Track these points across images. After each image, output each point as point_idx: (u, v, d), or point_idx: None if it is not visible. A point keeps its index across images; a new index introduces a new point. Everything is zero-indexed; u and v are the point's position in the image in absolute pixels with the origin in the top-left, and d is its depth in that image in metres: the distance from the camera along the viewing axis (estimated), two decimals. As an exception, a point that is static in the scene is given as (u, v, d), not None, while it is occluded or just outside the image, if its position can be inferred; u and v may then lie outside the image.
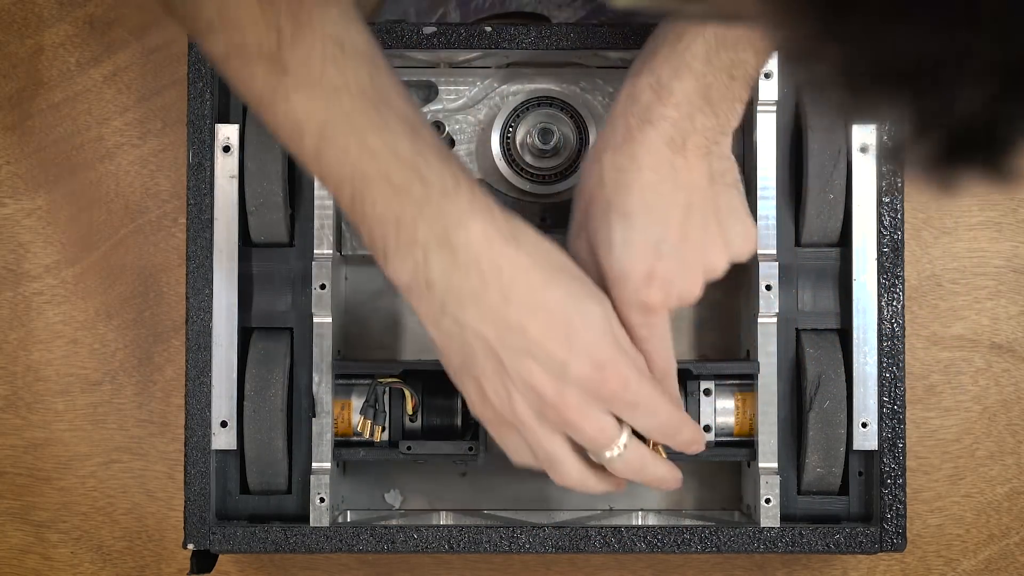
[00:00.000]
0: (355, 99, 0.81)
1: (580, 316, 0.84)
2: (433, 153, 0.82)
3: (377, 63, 0.82)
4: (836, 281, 1.03)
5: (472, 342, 0.84)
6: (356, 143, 0.81)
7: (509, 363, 0.84)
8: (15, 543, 1.12)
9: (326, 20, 0.80)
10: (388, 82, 0.82)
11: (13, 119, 1.12)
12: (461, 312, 0.83)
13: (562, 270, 0.86)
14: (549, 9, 1.10)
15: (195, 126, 1.01)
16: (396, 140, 0.81)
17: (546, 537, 0.99)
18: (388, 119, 0.81)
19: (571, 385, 0.84)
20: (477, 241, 0.82)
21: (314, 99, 0.80)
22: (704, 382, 1.02)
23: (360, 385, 1.03)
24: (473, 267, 0.82)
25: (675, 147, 0.87)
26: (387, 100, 0.82)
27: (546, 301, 0.83)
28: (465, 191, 0.82)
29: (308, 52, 0.80)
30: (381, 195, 0.81)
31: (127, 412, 1.12)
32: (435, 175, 0.81)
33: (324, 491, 1.00)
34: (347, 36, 0.81)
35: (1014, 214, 1.12)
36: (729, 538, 0.99)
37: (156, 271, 1.12)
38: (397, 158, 0.81)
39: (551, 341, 0.83)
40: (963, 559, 1.11)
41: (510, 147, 1.02)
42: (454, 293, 0.83)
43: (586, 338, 0.84)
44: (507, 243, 0.83)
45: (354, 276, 1.09)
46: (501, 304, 0.83)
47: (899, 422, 1.00)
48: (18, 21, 1.12)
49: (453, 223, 0.82)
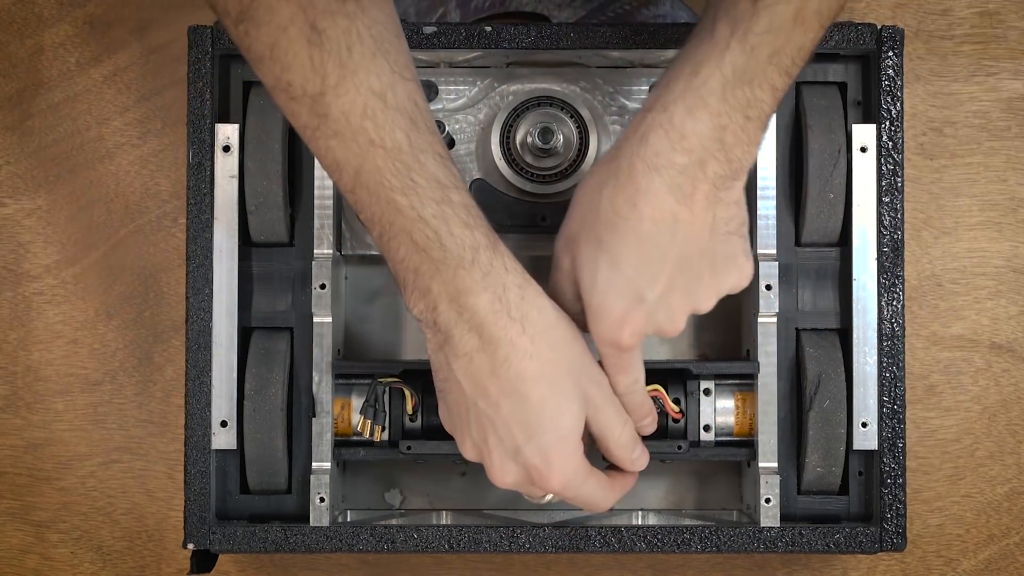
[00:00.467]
0: (388, 157, 0.83)
1: (553, 417, 0.88)
2: (458, 219, 0.84)
3: (417, 121, 0.84)
4: (836, 281, 1.03)
5: (452, 383, 0.89)
6: (385, 197, 0.83)
7: (473, 418, 0.89)
8: (15, 543, 1.12)
9: (372, 72, 0.82)
10: (426, 141, 0.84)
11: (13, 119, 1.12)
12: (453, 359, 0.87)
13: (559, 364, 0.88)
14: (549, 9, 1.10)
15: (195, 126, 1.01)
16: (422, 203, 0.83)
17: (546, 537, 0.99)
18: (418, 181, 0.83)
19: (515, 464, 0.89)
20: (483, 311, 0.85)
21: (350, 149, 0.83)
22: (704, 382, 1.02)
23: (360, 385, 1.03)
24: (474, 331, 0.86)
25: (681, 196, 0.86)
26: (421, 161, 0.83)
27: (527, 392, 0.87)
28: (483, 264, 0.85)
29: (350, 103, 0.81)
30: (404, 244, 0.85)
31: (127, 412, 1.12)
32: (455, 243, 0.84)
33: (324, 491, 1.00)
34: (391, 91, 0.82)
35: (1014, 214, 1.12)
36: (729, 538, 0.99)
37: (156, 271, 1.12)
38: (421, 220, 0.84)
39: (515, 424, 0.87)
40: (963, 559, 1.11)
41: (510, 147, 1.02)
42: (452, 342, 0.86)
43: (547, 438, 0.88)
44: (512, 323, 0.86)
45: (354, 276, 1.09)
46: (487, 374, 0.87)
47: (899, 422, 1.00)
48: (18, 21, 1.12)
49: (464, 290, 0.85)
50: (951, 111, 1.12)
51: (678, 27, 1.00)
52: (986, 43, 1.12)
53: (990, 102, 1.12)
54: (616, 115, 1.04)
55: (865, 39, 1.01)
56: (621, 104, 1.04)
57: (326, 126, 0.82)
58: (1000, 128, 1.11)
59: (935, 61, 1.12)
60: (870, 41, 1.01)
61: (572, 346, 0.89)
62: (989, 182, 1.12)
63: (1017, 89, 1.11)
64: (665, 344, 1.09)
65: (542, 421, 0.87)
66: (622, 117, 1.04)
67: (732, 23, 0.83)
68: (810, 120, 1.01)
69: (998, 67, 1.11)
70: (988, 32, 1.11)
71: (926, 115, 1.11)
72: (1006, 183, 1.11)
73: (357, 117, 0.82)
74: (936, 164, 1.11)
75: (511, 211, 1.00)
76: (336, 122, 0.82)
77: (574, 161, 1.02)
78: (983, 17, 1.11)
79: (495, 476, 0.90)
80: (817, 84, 1.03)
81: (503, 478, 0.90)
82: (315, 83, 0.81)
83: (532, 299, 0.87)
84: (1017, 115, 1.11)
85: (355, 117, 0.82)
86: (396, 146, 0.82)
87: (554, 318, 0.88)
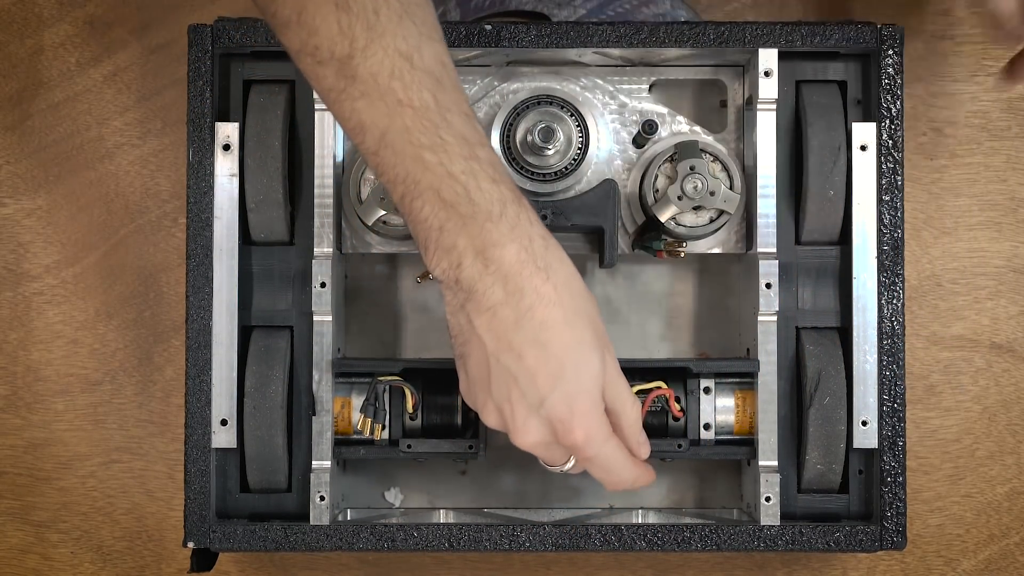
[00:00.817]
0: (417, 115, 0.83)
1: (576, 365, 0.88)
2: (485, 175, 0.85)
3: (443, 81, 0.84)
4: (836, 279, 1.03)
5: (474, 343, 0.88)
6: (412, 155, 0.84)
7: (495, 376, 0.88)
8: (15, 543, 1.12)
9: (399, 35, 0.82)
10: (452, 99, 0.85)
11: (13, 119, 1.12)
12: (476, 315, 0.87)
13: (580, 314, 0.88)
14: (549, 8, 1.10)
15: (195, 124, 1.01)
16: (451, 160, 0.84)
17: (546, 535, 0.99)
18: (446, 138, 0.84)
19: (539, 419, 0.88)
20: (510, 262, 0.86)
21: (377, 109, 0.83)
22: (704, 380, 1.02)
23: (360, 383, 1.03)
24: (500, 283, 0.86)
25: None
26: (447, 119, 0.84)
27: (551, 339, 0.87)
28: (510, 217, 0.85)
29: (378, 65, 0.82)
30: (429, 203, 0.85)
31: (127, 412, 1.12)
32: (483, 198, 0.85)
33: (324, 489, 1.00)
34: (417, 52, 0.83)
35: (1014, 214, 1.12)
36: (729, 536, 0.99)
37: (156, 271, 1.12)
38: (449, 176, 0.84)
39: (539, 375, 0.87)
40: (963, 559, 1.11)
41: (511, 145, 1.02)
42: (476, 298, 0.86)
43: (572, 386, 0.88)
44: (537, 272, 0.86)
45: (354, 274, 1.09)
46: (511, 325, 0.86)
47: (899, 420, 1.00)
48: (18, 21, 1.13)
49: (491, 243, 0.85)
50: (951, 111, 1.12)
51: (678, 26, 1.01)
52: (986, 43, 1.12)
53: (990, 102, 1.12)
54: (616, 114, 1.04)
55: (865, 38, 1.01)
56: (621, 103, 1.04)
57: (353, 87, 0.83)
58: (1000, 128, 1.12)
59: (935, 61, 1.12)
60: (870, 40, 1.01)
61: (589, 301, 0.89)
62: (989, 182, 1.12)
63: (1017, 89, 1.11)
64: (665, 343, 1.09)
65: (565, 370, 0.87)
66: (622, 116, 1.04)
67: None
68: (810, 118, 1.01)
69: (998, 67, 1.11)
70: (988, 32, 1.11)
71: (926, 115, 1.11)
72: (1006, 183, 1.12)
73: (385, 77, 0.82)
74: (936, 164, 1.11)
75: (511, 210, 1.00)
76: (364, 83, 0.82)
77: (574, 160, 1.02)
78: (983, 17, 1.12)
79: (518, 435, 0.89)
80: (817, 83, 1.03)
81: (526, 438, 0.89)
82: (343, 46, 0.82)
83: (555, 251, 0.88)
84: (1017, 115, 1.12)
85: (383, 78, 0.82)
86: (424, 105, 0.83)
87: (573, 271, 0.89)
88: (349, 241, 1.04)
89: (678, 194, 1.00)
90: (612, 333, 1.08)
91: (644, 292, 1.10)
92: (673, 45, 1.01)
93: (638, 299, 1.10)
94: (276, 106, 1.01)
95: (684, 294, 1.10)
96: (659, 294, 1.10)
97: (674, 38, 1.00)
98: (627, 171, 1.04)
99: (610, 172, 1.03)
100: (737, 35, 1.00)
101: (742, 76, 1.05)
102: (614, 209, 1.00)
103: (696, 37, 1.01)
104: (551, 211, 1.00)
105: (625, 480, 0.93)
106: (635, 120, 1.04)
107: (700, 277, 1.10)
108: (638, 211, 1.03)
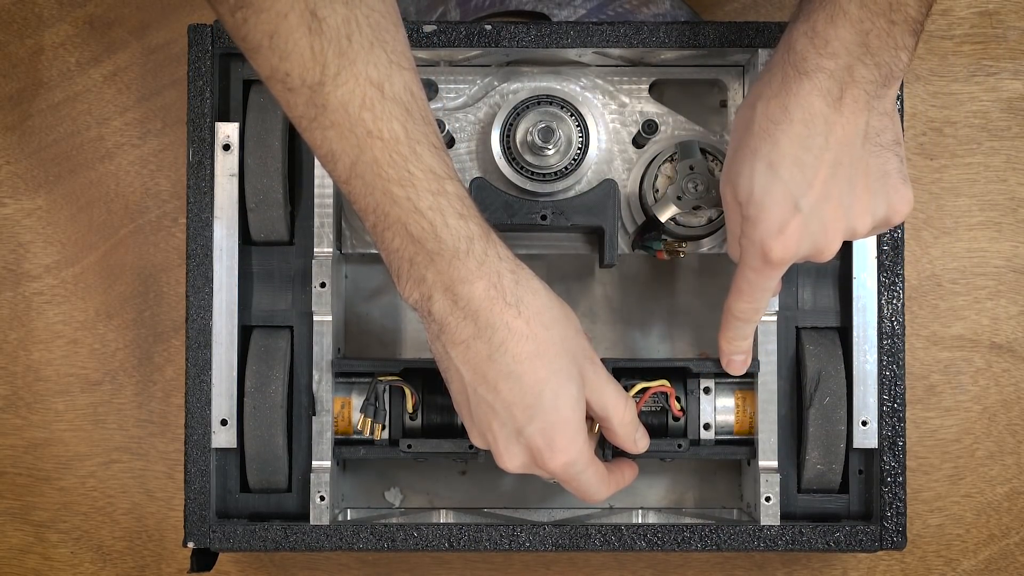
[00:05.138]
0: (386, 148, 0.83)
1: (553, 396, 0.88)
2: (453, 210, 0.85)
3: (413, 111, 0.84)
4: (836, 279, 1.03)
5: (452, 371, 0.89)
6: (381, 188, 0.84)
7: (474, 405, 0.89)
8: (15, 543, 1.12)
9: (370, 62, 0.82)
10: (422, 131, 0.84)
11: (13, 119, 1.12)
12: (450, 347, 0.88)
13: (553, 343, 0.88)
14: (549, 7, 1.10)
15: (195, 124, 1.01)
16: (419, 195, 0.84)
17: (546, 535, 0.99)
18: (414, 172, 0.84)
19: (519, 446, 0.89)
20: (479, 299, 0.86)
21: (347, 140, 0.83)
22: (704, 380, 1.02)
23: (360, 383, 1.03)
24: (470, 319, 0.86)
25: (830, 100, 0.86)
26: (416, 151, 0.84)
27: (524, 373, 0.87)
28: (477, 253, 0.85)
29: (349, 94, 0.81)
30: (399, 235, 0.85)
31: (127, 412, 1.12)
32: (450, 235, 0.84)
33: (324, 489, 1.00)
34: (388, 81, 0.82)
35: (1014, 214, 1.12)
36: (729, 536, 0.99)
37: (156, 271, 1.12)
38: (417, 211, 0.84)
39: (515, 407, 0.88)
40: (963, 559, 1.11)
41: (510, 145, 1.02)
42: (448, 331, 0.87)
43: (549, 416, 0.88)
44: (507, 308, 0.86)
45: (354, 274, 1.09)
46: (485, 359, 0.87)
47: (899, 420, 1.00)
48: (18, 21, 1.13)
49: (459, 279, 0.85)
50: (951, 111, 1.12)
51: (678, 26, 1.00)
52: (986, 43, 1.12)
53: (990, 102, 1.12)
54: (616, 114, 1.04)
55: (865, 38, 1.01)
56: (621, 103, 1.04)
57: (324, 116, 0.82)
58: (1000, 128, 1.12)
59: (935, 61, 1.12)
60: (870, 40, 1.01)
61: (567, 326, 0.89)
62: (989, 182, 1.12)
63: (1017, 89, 1.11)
64: (665, 343, 1.09)
65: (542, 401, 0.88)
66: (622, 116, 1.04)
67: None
68: (810, 118, 1.01)
69: (998, 67, 1.11)
70: (988, 32, 1.12)
71: (926, 115, 1.11)
72: (1006, 183, 1.12)
73: (356, 107, 0.81)
74: (936, 164, 1.12)
75: (511, 210, 1.00)
76: (334, 112, 0.82)
77: (574, 160, 1.02)
78: (983, 17, 1.12)
79: (501, 460, 0.91)
80: (817, 83, 1.03)
81: (510, 462, 0.90)
82: (314, 72, 0.81)
83: (526, 283, 0.88)
84: (1017, 115, 1.12)
85: (354, 107, 0.81)
86: (393, 137, 0.82)
87: (548, 300, 0.89)
88: (349, 241, 1.04)
89: (678, 194, 1.00)
90: (612, 334, 1.09)
91: (644, 292, 1.10)
92: (673, 45, 1.00)
93: (638, 299, 1.10)
94: (276, 106, 1.01)
95: (684, 294, 1.10)
96: (659, 294, 1.10)
97: (674, 38, 1.00)
98: (627, 171, 1.04)
99: (610, 172, 1.03)
100: (737, 35, 1.00)
101: (742, 76, 1.05)
102: (614, 209, 1.00)
103: (696, 37, 1.01)
104: (551, 211, 1.00)
105: (601, 499, 0.95)
106: (635, 120, 1.04)
107: (700, 277, 1.10)
108: (638, 211, 1.03)
